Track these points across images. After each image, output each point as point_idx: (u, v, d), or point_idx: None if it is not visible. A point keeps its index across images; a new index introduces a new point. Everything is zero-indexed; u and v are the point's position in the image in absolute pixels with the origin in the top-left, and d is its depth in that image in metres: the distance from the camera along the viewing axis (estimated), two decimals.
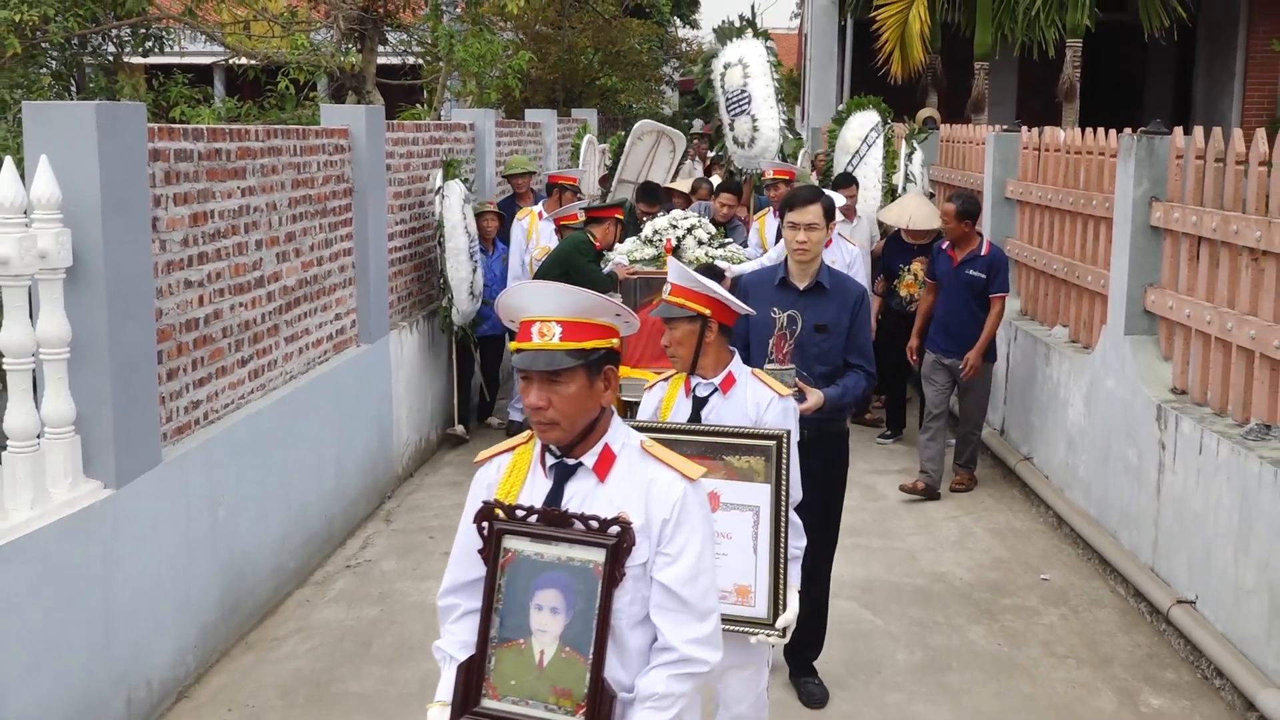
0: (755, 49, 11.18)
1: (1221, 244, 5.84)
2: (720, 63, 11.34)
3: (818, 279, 5.02)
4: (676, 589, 2.73)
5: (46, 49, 11.42)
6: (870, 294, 9.29)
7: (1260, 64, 15.38)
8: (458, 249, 8.82)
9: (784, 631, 3.89)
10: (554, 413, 2.73)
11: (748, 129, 11.01)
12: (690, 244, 8.26)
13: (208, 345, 5.73)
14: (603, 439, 2.84)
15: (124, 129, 4.85)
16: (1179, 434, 5.91)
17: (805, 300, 4.98)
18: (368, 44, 11.86)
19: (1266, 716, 4.87)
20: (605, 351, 2.78)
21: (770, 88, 11.01)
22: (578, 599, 2.72)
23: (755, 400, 4.07)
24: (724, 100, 11.31)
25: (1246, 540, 5.20)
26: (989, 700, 5.30)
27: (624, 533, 2.70)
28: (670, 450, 2.88)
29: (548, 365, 2.70)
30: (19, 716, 4.22)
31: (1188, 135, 6.32)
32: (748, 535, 3.88)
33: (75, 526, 4.50)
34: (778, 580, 3.86)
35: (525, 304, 2.78)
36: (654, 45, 27.24)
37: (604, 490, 2.80)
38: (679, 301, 3.98)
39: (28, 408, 4.49)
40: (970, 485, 8.15)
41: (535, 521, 2.77)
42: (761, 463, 3.86)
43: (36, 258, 4.44)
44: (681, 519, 2.75)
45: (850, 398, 5.04)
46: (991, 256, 7.97)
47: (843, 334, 4.99)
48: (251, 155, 6.19)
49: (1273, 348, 5.30)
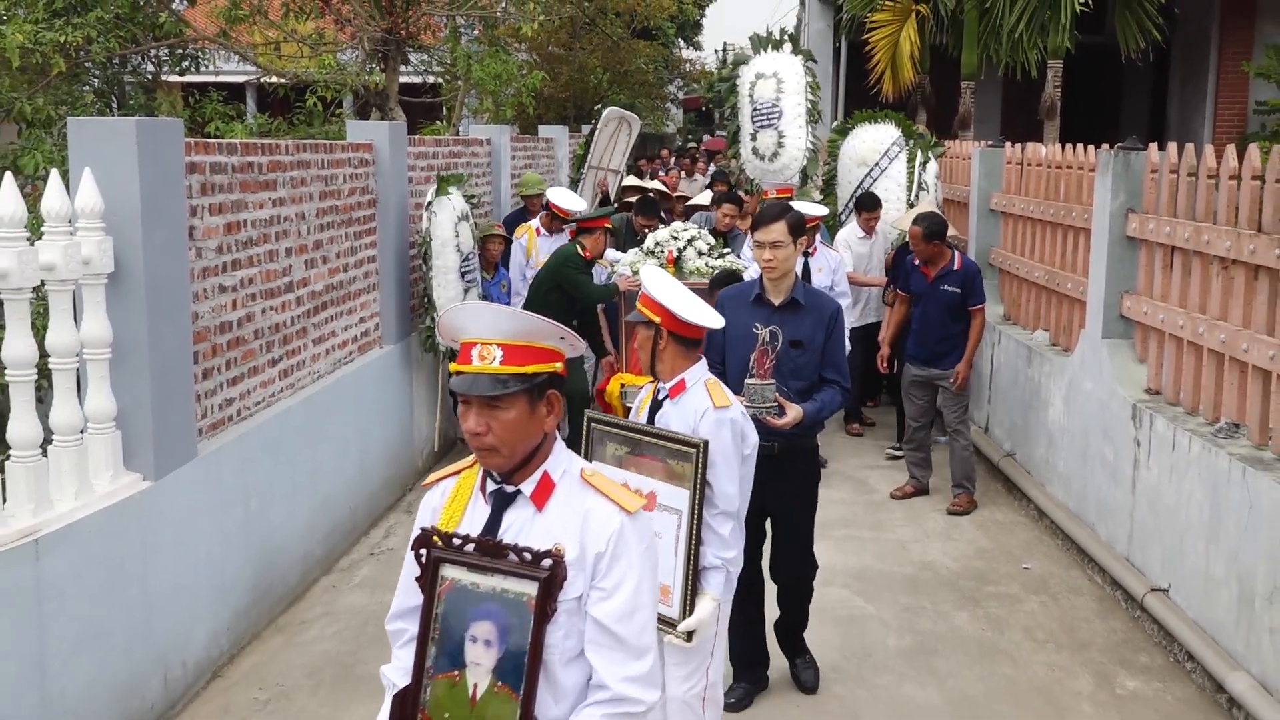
0: (793, 65, 10.33)
1: (1193, 253, 5.84)
2: (752, 70, 10.45)
3: (792, 295, 4.85)
4: (611, 625, 2.48)
5: (89, 68, 11.44)
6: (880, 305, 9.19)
7: (1230, 84, 15.36)
8: (446, 267, 8.10)
9: (688, 636, 3.81)
10: (493, 439, 2.50)
11: (772, 143, 10.16)
12: (691, 255, 8.12)
13: (240, 346, 5.74)
14: (542, 466, 2.59)
15: (162, 143, 4.86)
16: (1153, 432, 5.91)
17: (780, 316, 4.80)
18: (391, 64, 11.86)
19: (1235, 698, 4.87)
20: (548, 376, 2.54)
21: (803, 107, 10.18)
22: (511, 632, 2.49)
23: (695, 408, 3.94)
24: (750, 109, 10.39)
25: (1216, 533, 5.20)
26: (974, 682, 5.30)
27: (556, 566, 2.46)
28: (613, 482, 2.63)
29: (487, 390, 2.48)
30: (64, 694, 4.23)
31: (1162, 151, 6.32)
32: (672, 536, 3.82)
33: (116, 516, 4.52)
34: (687, 584, 3.78)
35: (465, 325, 2.55)
36: (659, 66, 27.25)
37: (541, 520, 2.56)
38: (640, 308, 3.93)
39: (72, 404, 4.51)
40: (970, 508, 7.61)
41: (471, 550, 2.54)
42: (689, 468, 3.79)
43: (80, 264, 4.45)
44: (618, 552, 2.50)
45: (827, 413, 4.86)
46: (965, 270, 7.62)
47: (818, 350, 4.84)
48: (282, 168, 6.20)
49: (1241, 351, 5.29)
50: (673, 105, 36.09)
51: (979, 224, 9.30)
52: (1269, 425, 5.14)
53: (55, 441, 4.46)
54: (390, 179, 7.75)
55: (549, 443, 2.61)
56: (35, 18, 10.49)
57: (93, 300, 4.60)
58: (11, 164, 9.24)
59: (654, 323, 3.93)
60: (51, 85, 10.54)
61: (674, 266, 7.99)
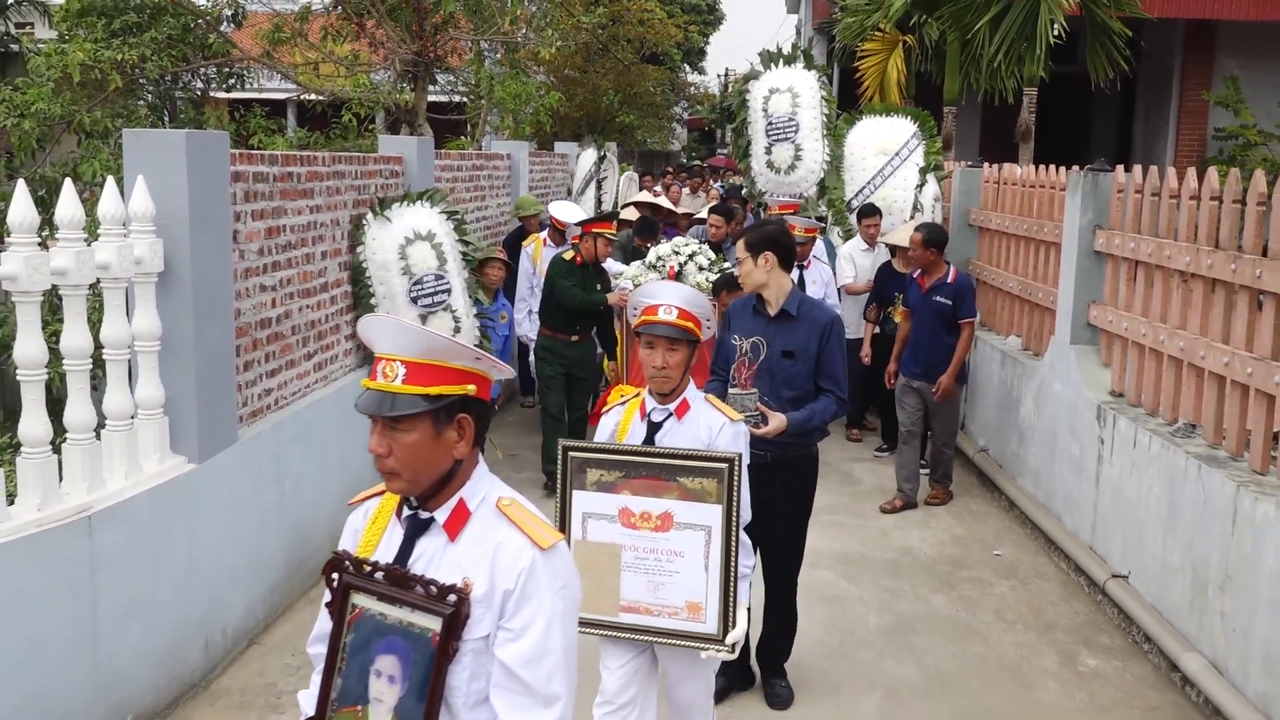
0: (808, 80, 9.90)
1: (1155, 267, 5.83)
2: (764, 85, 9.97)
3: (784, 306, 4.58)
4: (516, 669, 2.13)
5: (144, 84, 11.44)
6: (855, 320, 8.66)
7: (1191, 112, 15.33)
8: (392, 293, 6.63)
9: (733, 647, 3.54)
10: (394, 462, 2.18)
11: (790, 156, 9.75)
12: (691, 269, 7.88)
13: (278, 341, 5.75)
14: (458, 494, 2.25)
15: (210, 154, 4.86)
16: (1116, 431, 5.89)
17: (775, 326, 4.57)
18: (420, 84, 11.85)
19: (1188, 676, 4.86)
20: (459, 399, 2.19)
21: (819, 120, 9.76)
22: (415, 669, 2.17)
23: (708, 425, 3.67)
24: (764, 124, 9.91)
25: (1173, 524, 5.19)
26: (948, 659, 5.29)
27: (461, 602, 2.13)
28: (532, 514, 2.26)
29: (387, 409, 2.16)
30: (114, 658, 4.24)
31: (1128, 173, 6.30)
32: (699, 554, 3.51)
33: (163, 495, 4.53)
34: (728, 597, 3.51)
35: (374, 338, 2.23)
36: (666, 88, 27.26)
37: (453, 551, 2.22)
38: (675, 323, 3.59)
39: (123, 392, 4.52)
40: (945, 499, 7.55)
41: (381, 579, 2.23)
42: (714, 484, 3.50)
43: (133, 264, 4.46)
44: (527, 591, 2.15)
45: (818, 421, 4.54)
46: (958, 283, 7.37)
47: (810, 359, 4.54)
48: (319, 178, 6.20)
49: (1198, 358, 5.28)
50: (678, 125, 36.13)
51: (958, 237, 9.26)
52: (1223, 426, 5.12)
53: (108, 426, 4.47)
54: (418, 189, 7.73)
55: (465, 468, 2.27)
56: (95, 37, 10.53)
57: (144, 297, 4.60)
58: (72, 171, 9.25)
59: (694, 340, 3.63)
60: (109, 99, 10.56)
61: (675, 280, 7.81)
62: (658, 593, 3.52)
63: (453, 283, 6.86)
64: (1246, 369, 4.85)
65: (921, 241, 7.36)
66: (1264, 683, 4.36)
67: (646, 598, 3.52)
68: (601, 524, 3.53)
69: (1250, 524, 4.51)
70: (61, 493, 4.17)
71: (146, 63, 10.62)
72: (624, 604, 3.54)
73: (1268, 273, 4.71)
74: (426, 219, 6.89)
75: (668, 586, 3.51)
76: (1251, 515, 4.51)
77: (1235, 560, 4.61)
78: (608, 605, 3.53)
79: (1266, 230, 4.84)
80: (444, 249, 6.85)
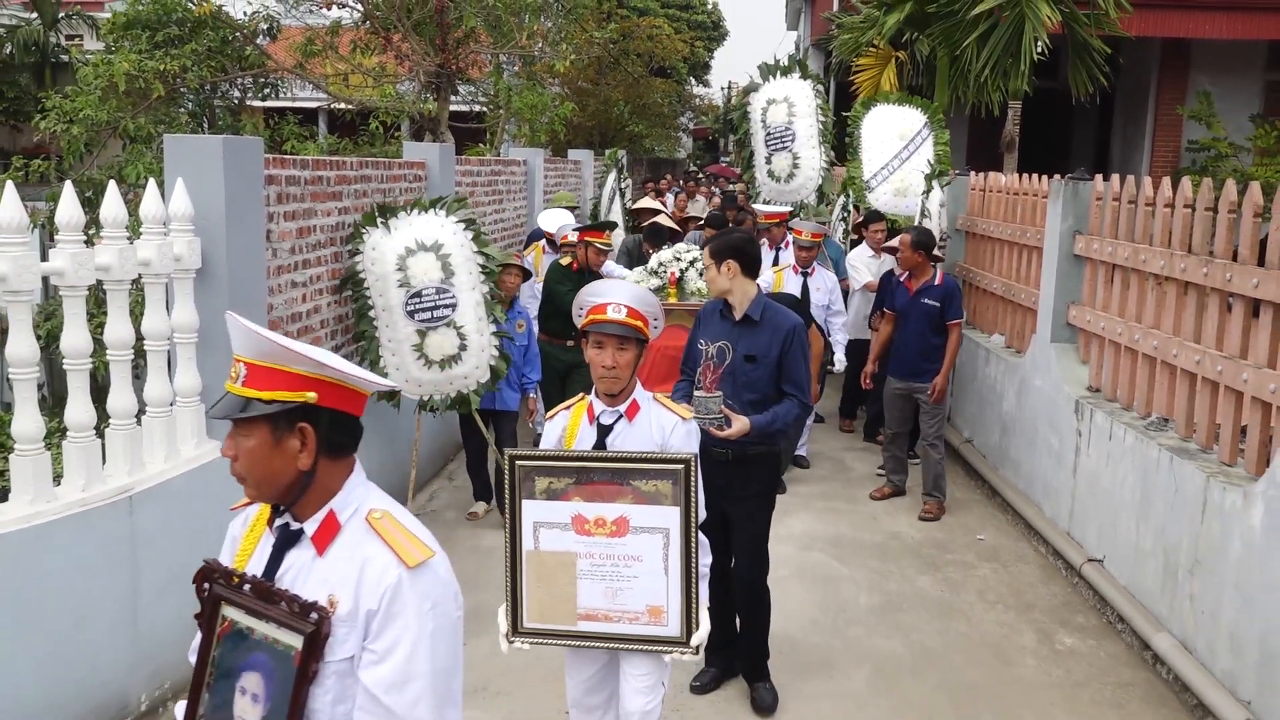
0: (802, 89, 9.63)
1: (1131, 270, 5.80)
2: (763, 97, 9.73)
3: (748, 312, 4.39)
4: (379, 694, 1.89)
5: (185, 93, 11.46)
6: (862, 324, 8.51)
7: (1166, 125, 15.27)
8: (389, 306, 5.98)
9: (697, 649, 3.29)
10: (240, 467, 1.98)
11: (787, 165, 9.48)
12: (692, 275, 7.59)
13: (308, 335, 5.74)
14: (329, 504, 2.01)
15: (245, 158, 4.86)
16: (1093, 424, 5.87)
17: (738, 331, 4.38)
18: (442, 94, 11.84)
19: (1159, 655, 4.84)
20: (299, 406, 1.95)
21: (815, 128, 9.47)
22: (277, 688, 1.93)
23: (660, 425, 3.43)
24: (763, 134, 9.66)
25: (1146, 512, 5.17)
26: (933, 636, 5.28)
27: (322, 621, 1.90)
28: (404, 527, 1.99)
29: (225, 411, 1.98)
30: (154, 628, 4.25)
31: (1106, 181, 6.27)
32: (658, 557, 3.23)
33: (199, 477, 4.53)
34: (690, 598, 3.25)
35: (231, 337, 2.02)
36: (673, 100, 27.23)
37: (321, 565, 1.98)
38: (623, 321, 3.35)
39: (163, 381, 4.52)
40: (939, 514, 7.00)
41: (248, 592, 2.02)
42: (669, 486, 3.20)
43: (173, 260, 4.46)
44: (392, 611, 1.90)
45: (780, 424, 4.33)
46: (946, 285, 7.11)
47: (772, 364, 4.35)
48: (347, 181, 6.19)
49: (1171, 356, 5.26)
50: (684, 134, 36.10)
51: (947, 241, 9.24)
52: (1194, 420, 5.10)
53: (148, 412, 4.47)
54: (439, 192, 7.72)
55: (331, 478, 2.02)
56: (139, 49, 10.55)
57: (182, 292, 4.61)
58: (117, 174, 9.28)
59: (643, 339, 3.40)
60: (152, 107, 10.58)
61: (676, 287, 7.57)
62: (616, 598, 3.27)
63: (460, 297, 6.07)
64: (1216, 367, 4.83)
65: (911, 243, 7.13)
66: (1230, 661, 4.34)
67: (605, 604, 3.27)
68: (554, 533, 3.27)
69: (1219, 512, 4.49)
70: (105, 474, 4.18)
71: (187, 73, 10.63)
72: (581, 612, 3.28)
73: (1237, 276, 4.68)
74: (435, 228, 6.15)
75: (627, 591, 3.26)
76: (1220, 504, 4.49)
77: (1204, 546, 4.59)
78: (565, 614, 3.28)
79: (1236, 236, 4.82)
80: (452, 261, 6.08)
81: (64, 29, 26.60)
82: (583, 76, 21.20)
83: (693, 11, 34.19)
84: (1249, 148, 14.18)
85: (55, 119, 10.14)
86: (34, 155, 11.02)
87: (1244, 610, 4.26)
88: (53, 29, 25.71)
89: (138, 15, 10.87)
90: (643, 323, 3.39)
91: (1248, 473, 4.55)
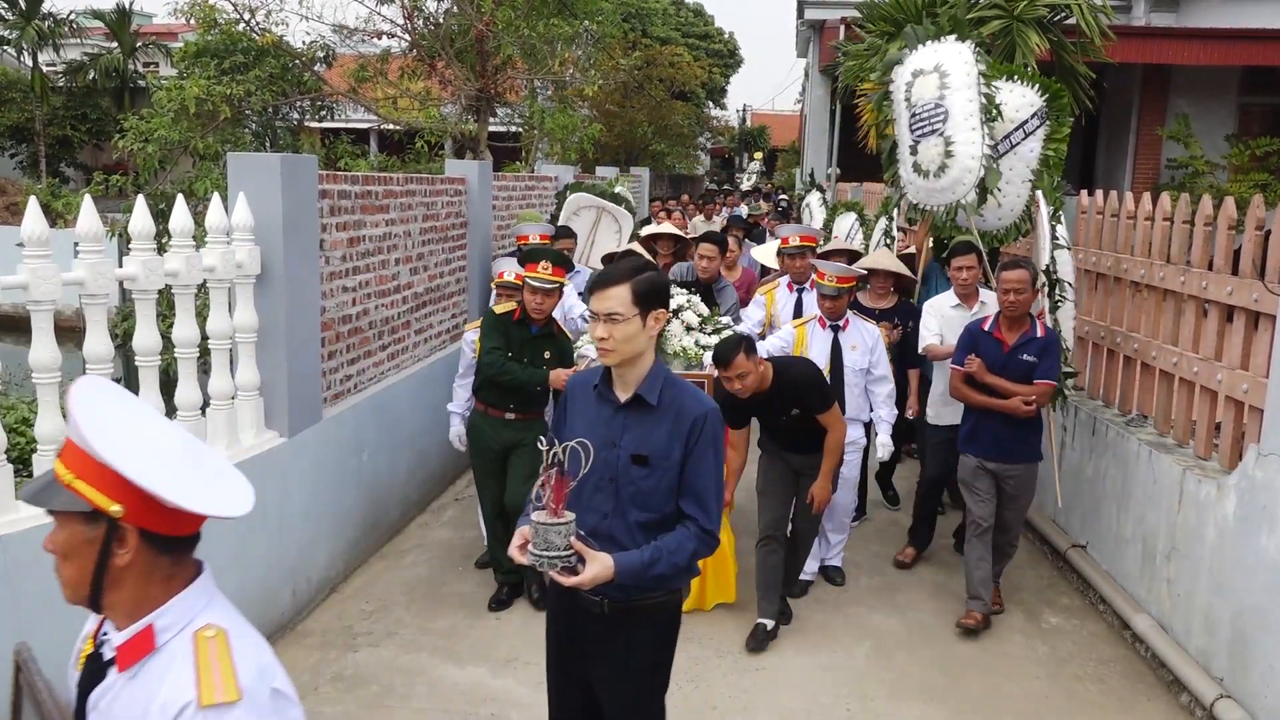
0: (958, 54, 5.68)
1: (1114, 278, 5.73)
2: (907, 70, 5.96)
3: (639, 391, 2.61)
4: None
5: (249, 115, 11.55)
6: None
7: (1147, 144, 15.10)
8: None
9: None
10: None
11: (938, 154, 5.64)
12: (677, 331, 5.12)
13: (358, 335, 5.76)
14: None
15: (301, 174, 4.87)
16: (1077, 420, 5.80)
17: (624, 418, 2.62)
18: (482, 116, 11.86)
19: (1138, 634, 4.78)
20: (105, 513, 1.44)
21: (975, 104, 5.56)
22: None
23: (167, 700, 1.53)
24: (907, 117, 5.91)
25: (1126, 501, 5.10)
26: (928, 615, 5.23)
27: None
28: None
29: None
30: None
31: (1091, 196, 6.20)
32: None
33: (258, 464, 4.54)
34: None
35: None
36: (693, 121, 27.20)
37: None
38: None
39: (225, 376, 4.54)
40: (992, 616, 5.05)
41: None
42: None
43: (234, 267, 4.47)
44: None
45: (665, 566, 2.52)
46: (1048, 338, 4.87)
47: (672, 469, 2.58)
48: (393, 195, 6.20)
49: (1150, 358, 5.20)
50: (703, 153, 36.09)
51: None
52: (1171, 417, 5.04)
53: (212, 405, 4.49)
54: (478, 206, 7.73)
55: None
56: (208, 75, 10.64)
57: (243, 296, 4.62)
58: (187, 188, 9.35)
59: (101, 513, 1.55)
60: (219, 128, 10.66)
61: None
62: None
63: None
64: (1193, 368, 4.77)
65: (1033, 279, 4.86)
66: (1204, 640, 4.28)
67: None
68: None
69: (1194, 502, 4.43)
70: None
71: (251, 97, 10.71)
72: None
73: (1212, 284, 4.63)
74: None
75: None
76: (1195, 495, 4.43)
77: (1180, 534, 4.53)
78: None
79: (1212, 248, 4.76)
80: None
81: (141, 57, 26.83)
82: (610, 100, 21.21)
83: (710, 40, 34.18)
84: (1224, 165, 14.05)
85: (133, 138, 10.23)
86: (113, 171, 11.13)
87: (1217, 593, 4.20)
88: (131, 57, 25.98)
89: (207, 45, 10.97)
90: None
91: (1221, 466, 4.49)
